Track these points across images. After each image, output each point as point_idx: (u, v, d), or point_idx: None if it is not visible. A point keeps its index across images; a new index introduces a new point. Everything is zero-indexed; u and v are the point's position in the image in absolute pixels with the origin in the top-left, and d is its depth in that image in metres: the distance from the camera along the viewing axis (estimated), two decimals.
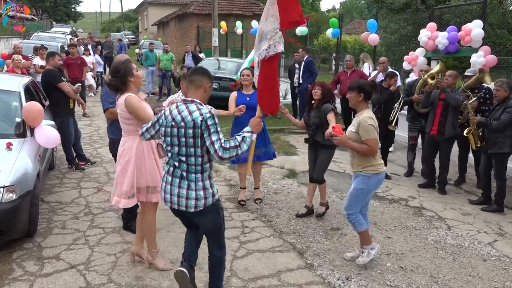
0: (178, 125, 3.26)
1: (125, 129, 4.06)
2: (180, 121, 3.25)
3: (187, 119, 3.23)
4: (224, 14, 24.38)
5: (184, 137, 3.25)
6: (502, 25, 11.12)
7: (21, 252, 4.49)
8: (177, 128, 3.27)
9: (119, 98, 4.00)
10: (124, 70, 3.98)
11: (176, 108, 3.34)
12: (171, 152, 3.37)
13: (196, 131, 3.21)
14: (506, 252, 4.97)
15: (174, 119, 3.29)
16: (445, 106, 6.59)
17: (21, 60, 9.05)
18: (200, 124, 3.20)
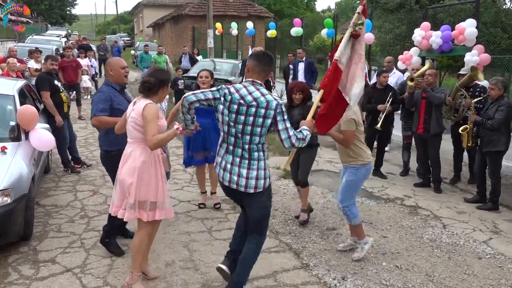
0: (248, 104, 3.31)
1: (134, 136, 3.73)
2: (251, 101, 3.31)
3: (260, 99, 3.30)
4: (219, 16, 24.40)
5: (253, 116, 3.30)
6: (496, 24, 11.19)
7: (17, 255, 4.48)
8: (246, 106, 3.31)
9: (138, 103, 3.71)
10: (167, 79, 3.81)
11: (243, 88, 3.38)
12: (233, 129, 3.37)
13: (268, 112, 3.29)
14: (501, 250, 5.00)
15: (243, 98, 3.33)
16: (428, 104, 6.69)
17: (16, 64, 9.02)
18: (275, 107, 3.30)
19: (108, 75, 4.48)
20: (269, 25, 17.52)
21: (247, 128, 3.33)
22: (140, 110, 3.63)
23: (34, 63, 10.82)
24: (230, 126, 3.39)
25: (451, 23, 8.90)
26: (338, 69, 4.20)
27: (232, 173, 3.41)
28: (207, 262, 4.45)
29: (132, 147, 3.76)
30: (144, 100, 3.70)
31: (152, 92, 3.70)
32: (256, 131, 3.33)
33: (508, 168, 7.57)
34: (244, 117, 3.32)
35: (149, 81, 3.69)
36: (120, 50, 22.69)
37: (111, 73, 4.43)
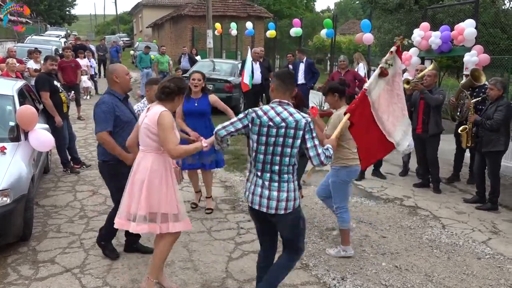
0: (277, 126, 3.30)
1: (146, 143, 3.63)
2: (280, 122, 3.30)
3: (289, 120, 3.29)
4: (219, 16, 24.40)
5: (283, 137, 3.30)
6: (495, 24, 11.19)
7: (16, 256, 4.49)
8: (276, 128, 3.30)
9: (151, 109, 3.63)
10: (185, 88, 3.76)
11: (271, 109, 3.36)
12: (262, 152, 3.34)
13: (298, 133, 3.29)
14: (500, 250, 5.00)
15: (272, 120, 3.31)
16: (426, 105, 6.69)
17: (15, 64, 9.03)
18: (303, 126, 3.29)
19: (112, 82, 4.21)
20: (268, 26, 17.51)
21: (277, 149, 3.32)
22: (155, 118, 3.54)
23: (33, 63, 10.84)
24: (259, 150, 3.36)
25: (450, 24, 8.91)
26: (366, 100, 4.29)
27: (262, 196, 3.37)
28: (206, 262, 4.46)
29: (143, 155, 3.67)
30: (159, 107, 3.60)
31: (169, 98, 3.62)
32: (286, 152, 3.32)
33: (507, 168, 7.58)
34: (274, 139, 3.31)
35: (169, 86, 3.61)
36: (119, 50, 22.63)
37: (117, 80, 4.19)
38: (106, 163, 4.25)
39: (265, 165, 3.35)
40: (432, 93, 6.62)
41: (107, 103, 4.12)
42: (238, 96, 13.07)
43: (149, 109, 3.68)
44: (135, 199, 3.62)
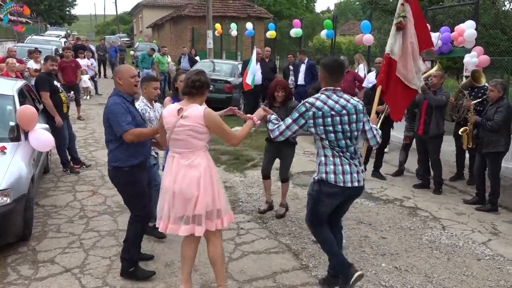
0: (349, 112, 3.53)
1: (191, 145, 3.48)
2: (351, 108, 3.55)
3: (348, 106, 3.55)
4: (219, 16, 24.40)
5: (355, 122, 3.57)
6: (495, 26, 11.20)
7: (16, 256, 4.48)
8: (348, 115, 3.53)
9: (188, 109, 3.46)
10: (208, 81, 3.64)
11: (328, 98, 3.56)
12: (342, 138, 3.54)
13: (359, 116, 3.59)
14: (500, 251, 5.00)
15: (345, 107, 3.54)
16: (429, 105, 6.68)
17: (15, 64, 9.02)
18: (362, 109, 3.61)
19: (117, 84, 3.98)
20: (268, 26, 17.53)
21: (354, 133, 3.59)
22: (199, 116, 3.42)
23: (33, 63, 10.84)
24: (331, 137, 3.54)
25: (450, 25, 8.91)
26: (392, 61, 4.87)
27: (352, 172, 3.60)
28: (206, 263, 4.44)
29: (188, 156, 3.49)
30: (193, 104, 3.50)
31: (201, 92, 3.54)
32: (353, 135, 3.59)
33: (507, 169, 7.58)
34: (348, 126, 3.54)
35: (200, 80, 3.52)
36: (117, 50, 22.62)
37: (120, 82, 3.95)
38: (121, 170, 3.92)
39: (347, 147, 3.58)
40: (436, 94, 6.61)
41: (117, 103, 3.86)
42: (238, 96, 13.08)
43: (180, 110, 3.46)
44: (190, 201, 3.46)
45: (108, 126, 3.88)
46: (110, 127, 3.86)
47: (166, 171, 3.59)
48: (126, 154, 3.90)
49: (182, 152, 3.50)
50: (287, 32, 16.29)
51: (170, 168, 3.53)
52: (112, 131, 3.86)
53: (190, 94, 3.53)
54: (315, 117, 3.51)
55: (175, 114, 3.49)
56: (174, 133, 3.47)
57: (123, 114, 3.80)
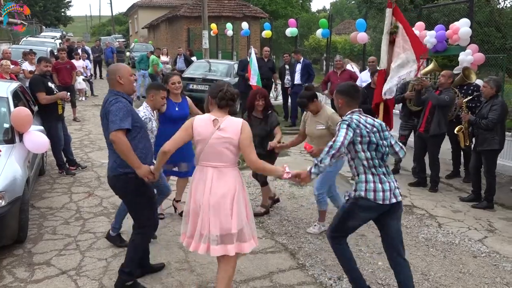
0: (378, 130, 3.64)
1: (226, 158, 3.36)
2: (378, 126, 3.67)
3: (376, 124, 3.66)
4: (214, 16, 24.35)
5: (385, 139, 3.67)
6: (490, 23, 11.21)
7: (11, 258, 4.47)
8: (378, 132, 3.63)
9: (224, 120, 3.36)
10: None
11: (361, 116, 3.66)
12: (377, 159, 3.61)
13: (386, 134, 3.70)
14: (496, 248, 5.02)
15: (374, 126, 3.64)
16: (433, 104, 6.65)
17: (9, 66, 8.98)
18: (385, 127, 3.75)
19: (116, 84, 3.71)
20: (264, 26, 17.51)
21: (386, 149, 3.67)
22: (237, 129, 3.34)
23: (28, 65, 10.78)
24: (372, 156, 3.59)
25: (445, 23, 8.92)
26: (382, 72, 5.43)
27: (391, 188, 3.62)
28: (202, 263, 4.45)
29: (217, 171, 3.36)
30: (226, 116, 3.41)
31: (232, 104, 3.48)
32: (386, 151, 3.67)
33: (503, 167, 7.60)
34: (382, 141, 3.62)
35: (236, 93, 3.47)
36: (113, 51, 22.59)
37: (121, 82, 3.69)
38: (131, 177, 3.63)
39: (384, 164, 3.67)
40: (441, 94, 6.60)
41: (121, 102, 3.61)
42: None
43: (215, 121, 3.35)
44: (226, 216, 3.32)
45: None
46: None
47: (197, 184, 3.42)
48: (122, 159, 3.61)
49: (217, 166, 3.37)
50: (283, 32, 16.28)
51: (203, 181, 3.38)
52: None
53: (227, 106, 3.44)
54: (361, 134, 3.54)
55: (209, 125, 3.36)
56: (209, 145, 3.34)
57: (124, 113, 3.54)
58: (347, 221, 3.73)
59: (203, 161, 3.41)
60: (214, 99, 3.46)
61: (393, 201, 3.59)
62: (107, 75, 3.82)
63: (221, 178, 3.35)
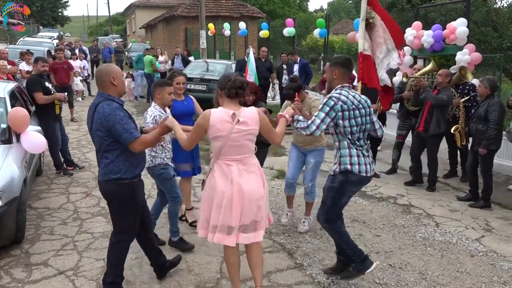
0: (363, 106, 3.83)
1: (251, 148, 3.46)
2: (364, 102, 3.84)
3: (362, 101, 3.84)
4: (212, 16, 24.34)
5: (368, 115, 3.88)
6: (487, 23, 11.23)
7: (9, 259, 4.46)
8: (363, 108, 3.82)
9: (242, 112, 3.36)
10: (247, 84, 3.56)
11: (348, 93, 3.78)
12: (358, 132, 3.80)
13: (370, 110, 3.89)
14: (493, 248, 5.03)
15: (360, 102, 3.82)
16: (432, 104, 6.66)
17: (6, 66, 8.95)
18: (369, 103, 3.91)
19: (109, 86, 3.49)
20: (261, 26, 17.53)
21: (367, 126, 3.89)
22: (256, 118, 3.41)
23: (25, 65, 10.76)
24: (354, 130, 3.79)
25: (442, 23, 8.93)
26: (366, 56, 5.24)
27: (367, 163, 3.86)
28: (200, 263, 4.45)
29: (247, 161, 3.44)
30: (240, 107, 3.43)
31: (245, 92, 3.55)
32: (367, 128, 3.91)
33: (500, 166, 7.62)
34: (360, 119, 3.79)
35: (245, 80, 3.50)
36: (111, 51, 22.59)
37: (115, 83, 3.50)
38: (123, 183, 3.51)
39: (364, 141, 3.88)
40: (439, 93, 6.62)
41: (118, 108, 3.42)
42: None
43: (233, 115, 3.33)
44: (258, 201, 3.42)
45: (107, 135, 3.39)
46: (108, 136, 3.39)
47: (220, 179, 3.40)
48: (128, 163, 3.50)
49: (241, 159, 3.41)
50: (280, 32, 16.31)
51: (227, 175, 3.38)
52: (107, 140, 3.41)
53: (237, 95, 3.43)
54: (343, 109, 3.72)
55: (228, 120, 3.32)
56: (231, 140, 3.32)
57: (127, 120, 3.41)
58: (340, 198, 3.95)
59: (224, 155, 3.40)
60: (223, 90, 3.44)
61: (370, 174, 3.88)
62: (97, 77, 3.57)
63: (248, 168, 3.42)
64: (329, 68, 3.98)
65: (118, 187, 3.51)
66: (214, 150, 3.46)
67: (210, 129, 3.35)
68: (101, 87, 3.52)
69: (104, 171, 3.52)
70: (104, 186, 3.58)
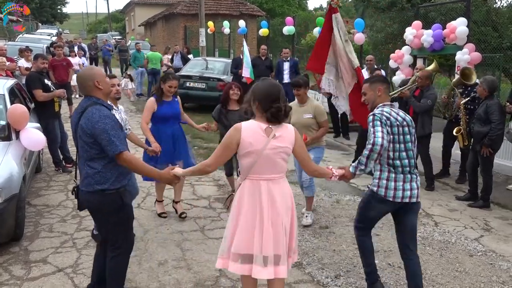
0: (408, 124, 3.62)
1: (282, 169, 3.09)
2: (409, 121, 3.64)
3: (407, 119, 3.63)
4: (211, 14, 24.32)
5: (409, 134, 3.63)
6: (487, 23, 11.24)
7: (8, 256, 4.45)
8: (407, 127, 3.61)
9: (277, 129, 3.02)
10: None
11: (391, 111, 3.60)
12: (405, 150, 3.59)
13: (412, 130, 3.65)
14: (492, 247, 5.03)
15: (405, 119, 3.61)
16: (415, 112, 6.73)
17: (5, 62, 8.92)
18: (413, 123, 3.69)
19: (94, 89, 3.32)
20: (261, 24, 17.49)
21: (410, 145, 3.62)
22: (292, 137, 3.07)
23: (24, 61, 10.73)
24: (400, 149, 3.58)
25: (442, 22, 8.93)
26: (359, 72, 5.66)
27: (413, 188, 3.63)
28: (200, 261, 4.45)
29: (279, 182, 3.08)
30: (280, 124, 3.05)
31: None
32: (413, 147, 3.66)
33: (499, 166, 7.62)
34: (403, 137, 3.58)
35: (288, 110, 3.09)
36: (111, 48, 22.56)
37: (100, 87, 3.32)
38: (109, 194, 3.28)
39: (409, 161, 3.61)
40: (423, 94, 6.64)
41: (106, 116, 3.22)
42: None
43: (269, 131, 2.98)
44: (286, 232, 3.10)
45: (92, 142, 3.19)
46: (93, 143, 3.19)
47: (249, 199, 3.05)
48: (116, 173, 3.28)
49: (273, 178, 3.05)
50: (280, 30, 16.29)
51: (257, 196, 3.03)
52: (94, 148, 3.21)
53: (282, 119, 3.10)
54: (386, 124, 3.51)
55: (261, 134, 2.99)
56: (263, 157, 2.98)
57: (116, 130, 3.20)
58: (367, 211, 3.84)
59: (255, 174, 3.02)
60: (260, 107, 3.03)
61: (406, 201, 3.59)
62: (80, 82, 3.43)
63: (278, 192, 3.05)
64: (371, 86, 3.75)
65: (106, 198, 3.27)
66: (243, 168, 3.08)
67: (242, 143, 2.98)
68: (86, 91, 3.34)
69: (88, 181, 3.26)
70: (88, 197, 3.31)
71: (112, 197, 3.29)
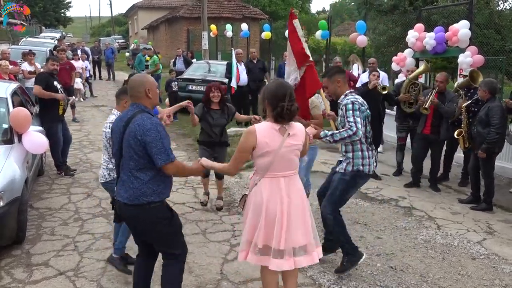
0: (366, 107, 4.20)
1: (297, 164, 3.26)
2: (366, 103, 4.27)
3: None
4: (214, 17, 24.37)
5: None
6: (489, 25, 11.22)
7: (10, 259, 4.46)
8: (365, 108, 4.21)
9: (290, 127, 3.14)
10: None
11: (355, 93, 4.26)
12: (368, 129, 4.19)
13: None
14: (495, 250, 5.01)
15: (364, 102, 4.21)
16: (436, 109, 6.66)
17: (8, 66, 8.97)
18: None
19: (144, 97, 3.21)
20: (263, 27, 17.53)
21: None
22: (303, 133, 3.25)
23: (27, 65, 10.77)
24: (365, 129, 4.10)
25: (444, 25, 8.93)
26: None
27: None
28: (201, 264, 4.44)
29: (295, 178, 3.25)
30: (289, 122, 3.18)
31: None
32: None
33: (502, 168, 7.60)
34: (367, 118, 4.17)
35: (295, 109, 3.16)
36: (114, 52, 22.59)
37: (150, 95, 3.23)
38: (156, 206, 3.18)
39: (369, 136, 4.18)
40: (445, 97, 6.65)
41: (160, 124, 3.16)
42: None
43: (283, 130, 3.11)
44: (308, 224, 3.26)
45: (142, 151, 3.08)
46: (143, 152, 3.08)
47: (270, 195, 3.15)
48: (162, 185, 3.20)
49: (290, 175, 3.20)
50: (282, 33, 16.27)
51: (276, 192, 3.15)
52: (144, 158, 3.09)
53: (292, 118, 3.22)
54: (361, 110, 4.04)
55: (276, 134, 3.10)
56: (280, 155, 3.09)
57: (167, 138, 3.15)
58: (349, 192, 4.28)
59: (272, 172, 3.14)
60: (270, 106, 3.15)
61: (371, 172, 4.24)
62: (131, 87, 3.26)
63: (294, 188, 3.20)
64: (331, 79, 4.26)
65: (153, 210, 3.16)
66: (260, 167, 3.18)
67: (258, 144, 3.08)
68: (135, 98, 3.22)
69: (135, 193, 3.11)
70: (135, 211, 3.16)
71: (161, 208, 3.22)
